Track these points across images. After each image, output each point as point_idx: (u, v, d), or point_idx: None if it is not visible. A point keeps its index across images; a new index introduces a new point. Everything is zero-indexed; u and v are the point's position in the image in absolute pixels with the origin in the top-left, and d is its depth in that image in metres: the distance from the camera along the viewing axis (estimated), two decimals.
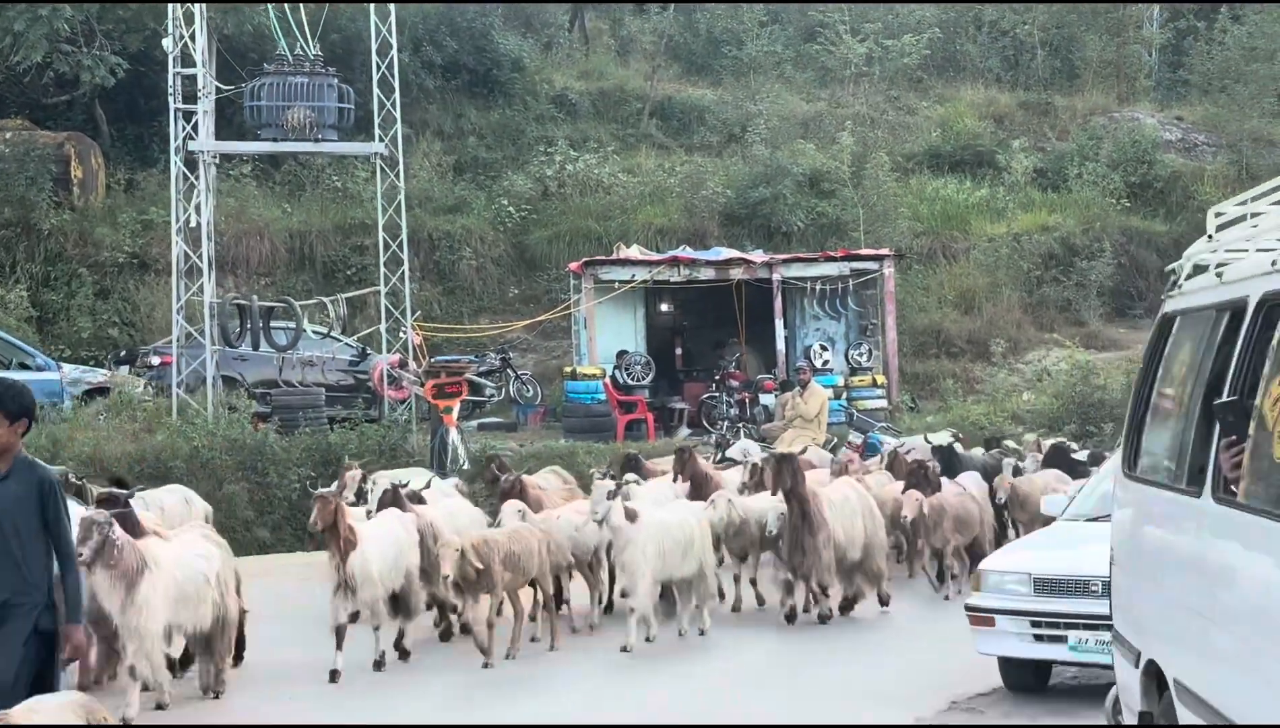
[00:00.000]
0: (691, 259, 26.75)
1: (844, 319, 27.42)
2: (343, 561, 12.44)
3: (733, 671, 13.13)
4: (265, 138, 22.57)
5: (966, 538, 16.12)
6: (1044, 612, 11.37)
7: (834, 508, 14.76)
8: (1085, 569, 11.00)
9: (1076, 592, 11.21)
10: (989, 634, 11.64)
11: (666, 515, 14.04)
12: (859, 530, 14.90)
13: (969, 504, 16.25)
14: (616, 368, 25.83)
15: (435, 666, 13.29)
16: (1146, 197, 35.29)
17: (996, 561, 12.34)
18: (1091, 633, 10.93)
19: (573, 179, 33.32)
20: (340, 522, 12.42)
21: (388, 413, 22.73)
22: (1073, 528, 12.37)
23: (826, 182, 32.63)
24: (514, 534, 13.30)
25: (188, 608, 11.50)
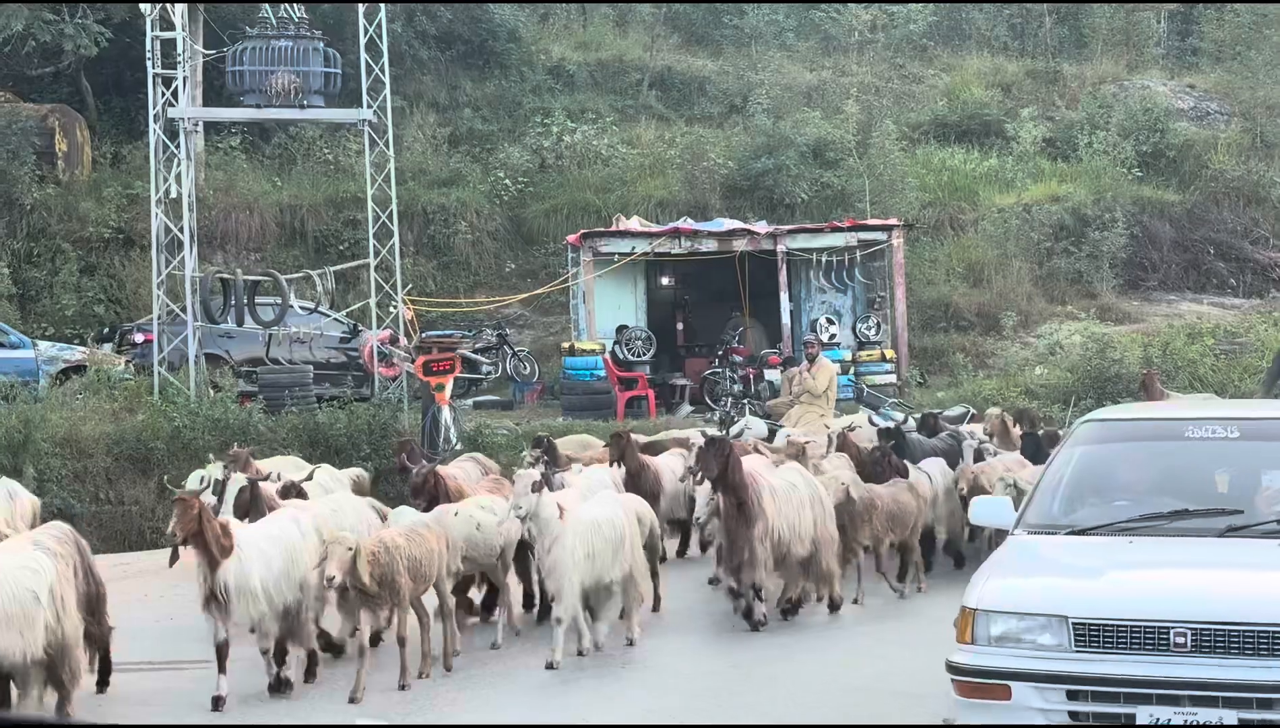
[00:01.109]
0: (693, 230, 25.89)
1: (851, 292, 26.57)
2: (210, 571, 10.76)
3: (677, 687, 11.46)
4: (248, 105, 21.66)
5: (900, 536, 14.59)
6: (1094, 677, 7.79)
7: (777, 497, 13.15)
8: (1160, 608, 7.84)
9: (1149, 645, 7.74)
10: (993, 710, 7.95)
11: (597, 511, 12.44)
12: (806, 523, 13.32)
13: (904, 497, 14.59)
14: (616, 343, 25.06)
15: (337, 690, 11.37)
16: (1159, 166, 34.42)
17: (995, 593, 8.20)
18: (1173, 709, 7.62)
19: (570, 151, 32.58)
20: (206, 526, 10.72)
21: (378, 391, 21.87)
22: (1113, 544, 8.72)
23: (831, 151, 31.77)
24: (412, 535, 11.63)
25: (9, 633, 9.87)
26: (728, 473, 12.76)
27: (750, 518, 12.80)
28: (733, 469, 12.78)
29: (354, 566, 10.73)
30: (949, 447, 17.06)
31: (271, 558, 11.13)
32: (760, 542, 12.79)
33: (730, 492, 12.88)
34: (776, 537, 12.97)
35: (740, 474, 12.85)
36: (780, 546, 13.05)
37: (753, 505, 12.84)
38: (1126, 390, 23.46)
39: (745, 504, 12.85)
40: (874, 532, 14.13)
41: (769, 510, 12.95)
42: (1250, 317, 29.53)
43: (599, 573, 12.13)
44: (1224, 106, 37.25)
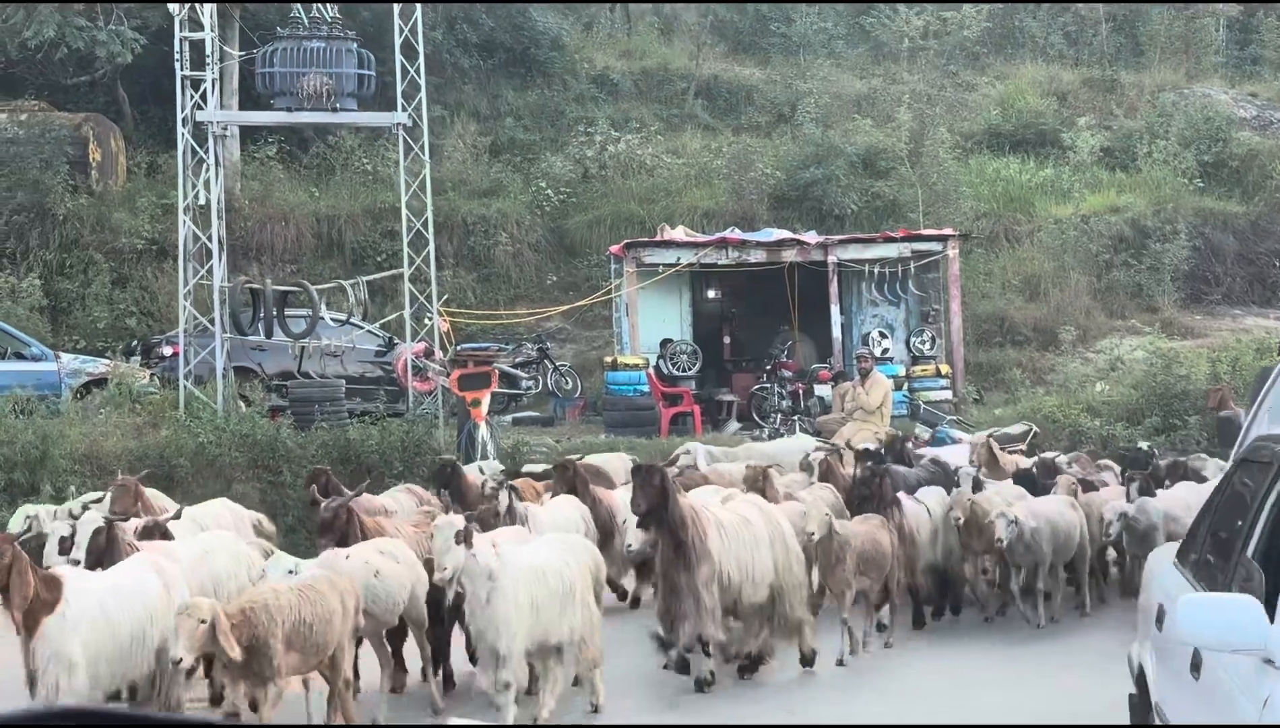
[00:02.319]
0: (741, 240, 24.99)
1: (904, 305, 25.60)
2: (26, 633, 8.69)
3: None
4: (279, 107, 20.91)
5: (875, 581, 12.73)
6: None
7: (726, 535, 11.40)
8: None
9: None
10: None
11: (538, 556, 10.54)
12: (762, 565, 11.57)
13: (880, 536, 12.74)
14: (660, 357, 24.19)
15: None
16: (1221, 176, 33.33)
17: None
18: None
19: (614, 161, 31.81)
20: (20, 577, 8.61)
21: (412, 407, 21.05)
22: None
23: (883, 160, 30.87)
24: (306, 591, 9.48)
25: None
26: (663, 508, 11.12)
27: (690, 561, 11.09)
28: (670, 504, 11.11)
29: (214, 638, 8.66)
30: (931, 476, 15.44)
31: (114, 619, 9.01)
32: (705, 588, 11.12)
33: (666, 530, 11.16)
34: (725, 581, 11.34)
35: (679, 509, 11.15)
36: (729, 591, 11.44)
37: (693, 547, 11.12)
38: (1194, 408, 22.51)
39: (684, 545, 11.12)
40: (843, 576, 12.26)
41: (715, 551, 11.25)
42: None
43: (543, 630, 10.32)
44: None
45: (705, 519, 11.40)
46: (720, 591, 11.32)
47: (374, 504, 13.19)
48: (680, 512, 11.18)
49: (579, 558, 10.89)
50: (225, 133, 20.82)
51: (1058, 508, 14.21)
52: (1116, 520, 13.88)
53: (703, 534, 11.23)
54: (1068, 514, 14.19)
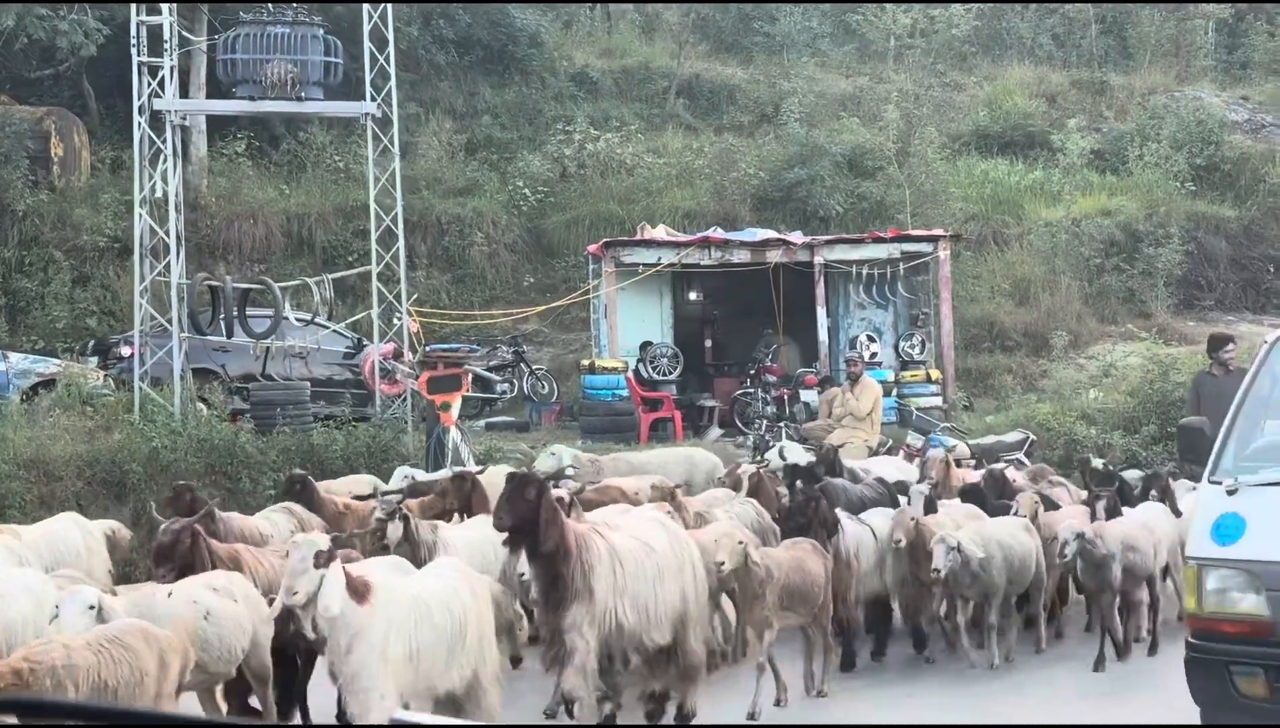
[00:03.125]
0: (724, 240, 24.10)
1: (892, 308, 24.76)
2: None
3: None
4: (241, 96, 19.98)
5: (802, 617, 11.00)
6: None
7: (622, 565, 9.54)
8: None
9: None
10: None
11: (424, 587, 8.71)
12: (667, 600, 9.80)
13: (811, 564, 10.96)
14: (640, 361, 23.30)
15: None
16: (1213, 180, 32.61)
17: None
18: None
19: (593, 160, 30.96)
20: None
21: (380, 410, 20.12)
22: None
23: (869, 160, 30.07)
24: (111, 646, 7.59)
25: None
26: (534, 528, 9.21)
27: (564, 597, 9.26)
28: (543, 524, 9.18)
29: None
30: (877, 495, 13.84)
31: None
32: (577, 633, 9.21)
33: (538, 557, 9.31)
34: (616, 625, 9.44)
35: (557, 532, 9.24)
36: (626, 637, 9.58)
37: (570, 581, 9.26)
38: None
39: (560, 578, 9.25)
40: (763, 614, 10.54)
41: (603, 588, 9.35)
42: None
43: (427, 681, 8.47)
44: (1279, 119, 35.46)
45: (596, 548, 9.48)
46: (614, 634, 9.50)
47: (246, 527, 11.45)
48: (558, 535, 9.27)
49: (475, 590, 8.99)
50: (184, 122, 19.87)
51: (1011, 531, 12.47)
52: (1073, 541, 11.89)
53: (587, 567, 9.32)
54: (1022, 538, 12.47)
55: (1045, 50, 39.12)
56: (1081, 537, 11.90)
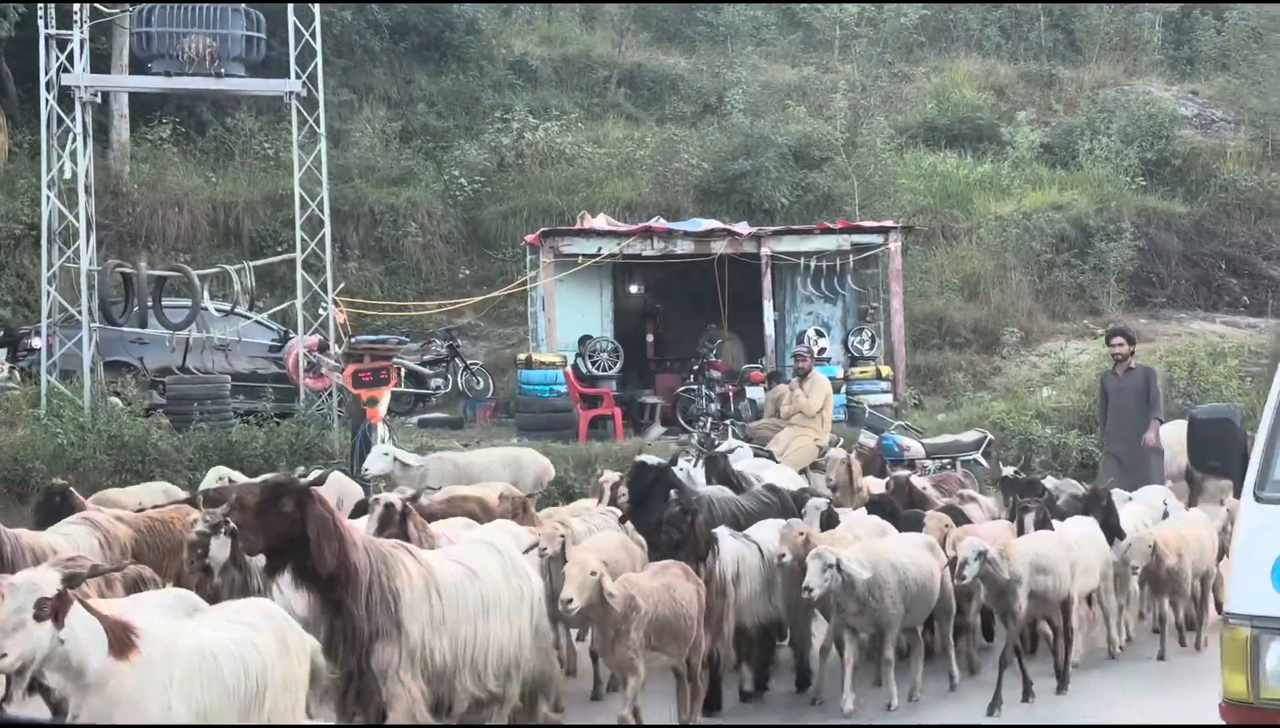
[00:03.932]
0: (667, 230, 23.16)
1: (841, 302, 23.93)
2: None
3: None
4: (157, 72, 18.88)
5: (674, 656, 9.35)
6: None
7: (439, 595, 7.88)
8: None
9: None
10: None
11: (211, 635, 6.64)
12: (500, 640, 8.25)
13: (681, 593, 9.34)
14: (579, 356, 22.37)
15: None
16: (1164, 175, 32.09)
17: None
18: None
19: (532, 149, 30.06)
20: None
21: (304, 406, 19.07)
22: None
23: (816, 150, 29.28)
24: None
25: None
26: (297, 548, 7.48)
27: (359, 632, 7.55)
28: (313, 541, 7.44)
29: None
30: (764, 506, 12.02)
31: None
32: (396, 679, 7.58)
33: (310, 582, 7.55)
34: (427, 665, 7.76)
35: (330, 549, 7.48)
36: (442, 680, 7.89)
37: (366, 609, 7.55)
38: None
39: (344, 607, 7.52)
40: (626, 654, 8.90)
41: (412, 619, 7.69)
42: (1270, 337, 27.14)
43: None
44: (1229, 114, 34.96)
45: (404, 572, 7.76)
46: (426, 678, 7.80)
47: (37, 545, 9.60)
48: (335, 554, 7.48)
49: (284, 642, 6.93)
50: (95, 99, 18.72)
51: (908, 550, 10.74)
52: (974, 560, 10.20)
53: (392, 595, 7.61)
54: (922, 559, 10.73)
55: (993, 42, 38.49)
56: (984, 556, 10.22)
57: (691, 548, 9.76)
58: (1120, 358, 16.16)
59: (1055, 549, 10.89)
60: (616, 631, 8.80)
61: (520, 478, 14.77)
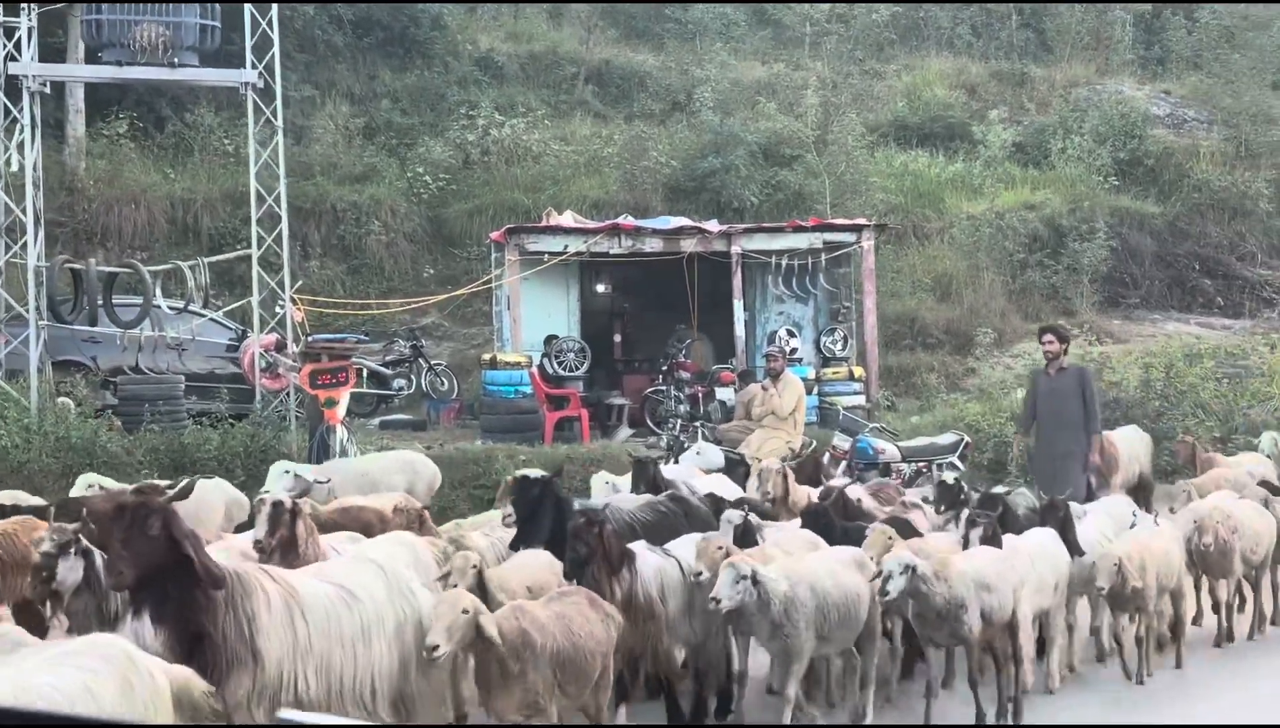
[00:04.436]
0: (636, 227, 22.64)
1: (813, 301, 23.46)
2: None
3: None
4: (108, 61, 18.26)
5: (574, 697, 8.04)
6: None
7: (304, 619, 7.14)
8: None
9: None
10: None
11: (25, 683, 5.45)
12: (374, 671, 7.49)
13: (584, 623, 8.08)
14: (545, 356, 21.85)
15: None
16: (1136, 175, 31.82)
17: None
18: None
19: (498, 146, 29.54)
20: None
21: (259, 407, 18.47)
22: None
23: (786, 148, 28.83)
24: None
25: None
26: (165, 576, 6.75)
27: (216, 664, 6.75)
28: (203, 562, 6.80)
29: None
30: (661, 518, 10.79)
31: None
32: (246, 714, 6.80)
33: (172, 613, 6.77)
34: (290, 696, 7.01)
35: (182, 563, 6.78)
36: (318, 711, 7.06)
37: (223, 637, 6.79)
38: (1126, 418, 20.64)
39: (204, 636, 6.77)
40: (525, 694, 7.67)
41: (270, 645, 6.92)
42: (1245, 338, 26.80)
43: None
44: (1202, 114, 34.68)
45: (261, 593, 6.97)
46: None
47: None
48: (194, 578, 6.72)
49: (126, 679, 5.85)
50: (43, 89, 18.07)
51: (834, 568, 9.56)
52: (898, 575, 9.06)
53: (247, 617, 6.84)
54: (846, 579, 9.52)
55: (964, 41, 38.14)
56: (912, 571, 9.03)
57: (603, 564, 8.77)
58: (1051, 356, 14.82)
59: (998, 565, 9.83)
60: (507, 673, 7.57)
61: (416, 484, 13.95)
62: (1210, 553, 11.97)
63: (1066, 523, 11.05)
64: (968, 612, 9.30)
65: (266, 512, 8.91)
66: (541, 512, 10.07)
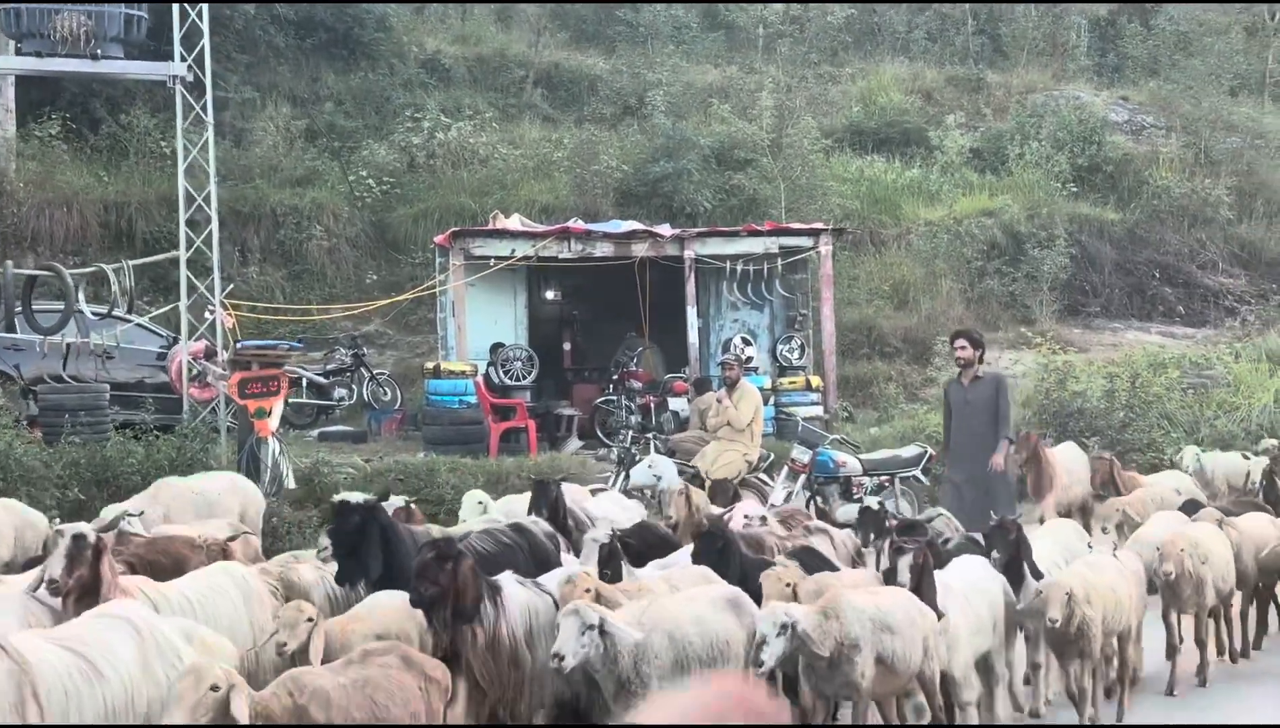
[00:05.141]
0: (585, 231, 21.89)
1: (769, 308, 22.79)
2: None
3: None
4: (27, 52, 17.35)
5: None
6: None
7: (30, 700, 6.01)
8: None
9: None
10: None
11: None
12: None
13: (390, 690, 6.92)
14: (491, 364, 21.10)
15: None
16: (1095, 181, 31.36)
17: None
18: None
19: (444, 149, 28.78)
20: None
21: (188, 418, 17.57)
22: None
23: (741, 151, 28.16)
24: None
25: None
26: None
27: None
28: None
29: None
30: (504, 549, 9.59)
31: None
32: None
33: None
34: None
35: None
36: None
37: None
38: (1091, 428, 20.10)
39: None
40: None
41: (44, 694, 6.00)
42: (1208, 347, 26.33)
43: None
44: (1160, 120, 34.26)
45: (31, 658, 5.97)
46: None
47: None
48: None
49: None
50: None
51: (701, 610, 8.15)
52: (775, 637, 7.64)
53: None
54: (720, 625, 8.12)
55: (920, 46, 37.60)
56: (790, 630, 7.64)
57: (453, 605, 7.57)
58: (964, 363, 13.69)
59: (908, 607, 8.39)
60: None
61: (247, 508, 12.79)
62: (1177, 585, 10.64)
63: (1020, 546, 9.81)
64: (861, 653, 7.86)
65: (65, 546, 7.65)
66: (365, 544, 8.75)
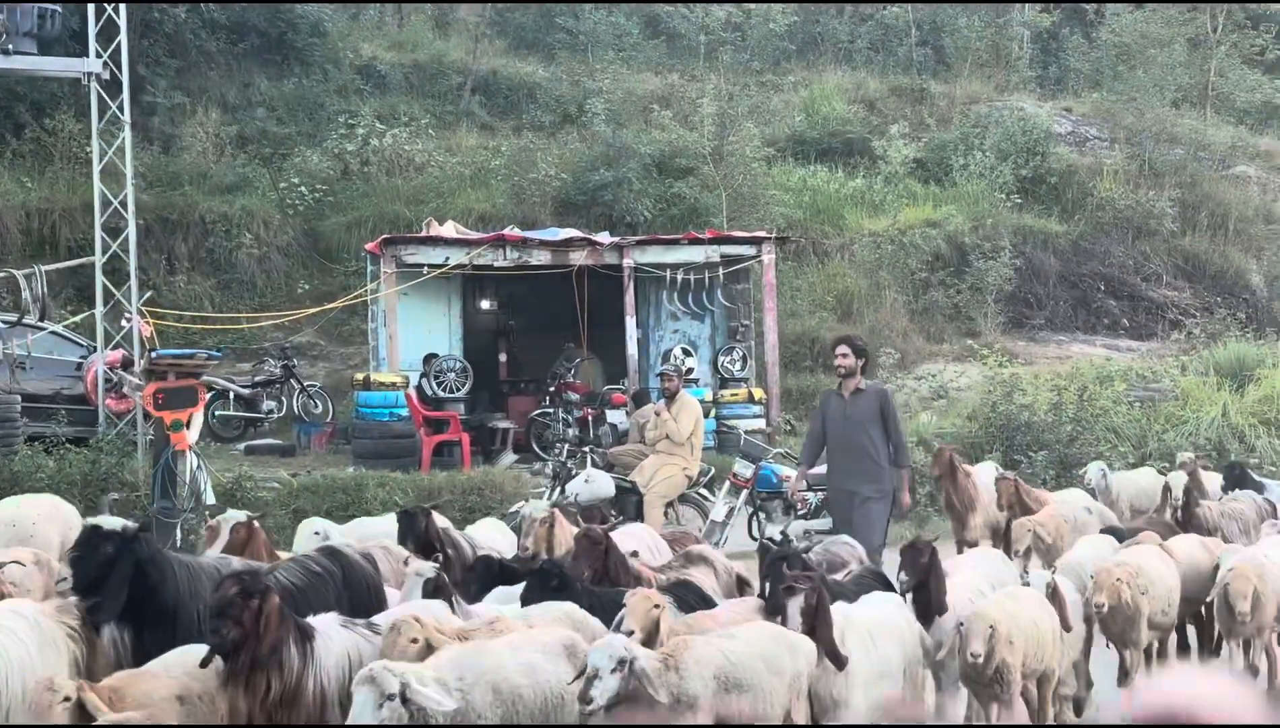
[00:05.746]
0: (522, 238, 21.28)
1: (710, 318, 22.25)
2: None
3: None
4: None
5: None
6: None
7: None
8: None
9: None
10: None
11: None
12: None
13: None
14: (424, 376, 20.48)
15: None
16: (1039, 193, 31.05)
17: None
18: None
19: (378, 156, 28.16)
20: None
21: (103, 430, 16.85)
22: None
23: (682, 159, 27.64)
24: None
25: None
26: None
27: None
28: None
29: None
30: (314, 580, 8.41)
31: None
32: None
33: None
34: None
35: None
36: None
37: None
38: (1038, 442, 19.68)
39: None
40: None
41: None
42: (1153, 360, 26.00)
43: None
44: (1104, 132, 34.03)
45: None
46: None
47: None
48: None
49: None
50: None
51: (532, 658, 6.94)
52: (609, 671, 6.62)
53: None
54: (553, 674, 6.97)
55: (863, 55, 37.26)
56: (627, 666, 6.61)
57: (254, 651, 6.56)
58: (846, 372, 12.11)
59: (766, 652, 7.26)
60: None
61: (68, 532, 10.85)
62: (1110, 618, 9.52)
63: (933, 571, 8.77)
64: (694, 713, 6.79)
65: None
66: (113, 578, 7.45)
